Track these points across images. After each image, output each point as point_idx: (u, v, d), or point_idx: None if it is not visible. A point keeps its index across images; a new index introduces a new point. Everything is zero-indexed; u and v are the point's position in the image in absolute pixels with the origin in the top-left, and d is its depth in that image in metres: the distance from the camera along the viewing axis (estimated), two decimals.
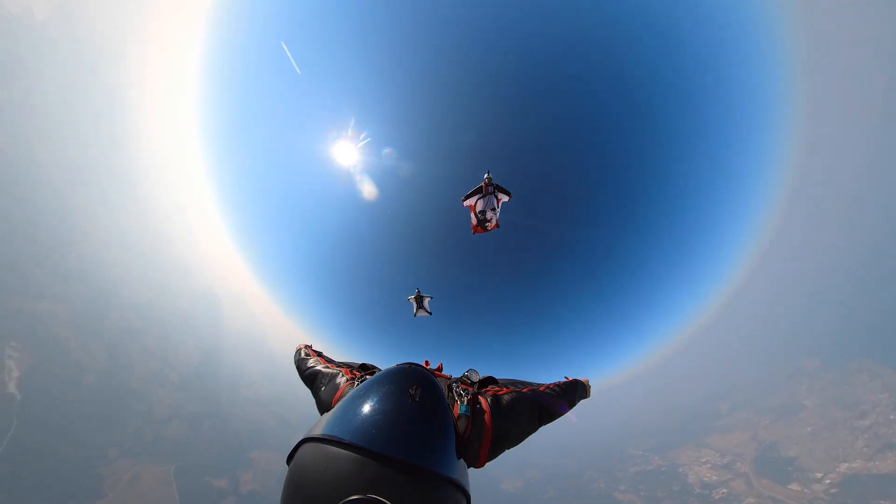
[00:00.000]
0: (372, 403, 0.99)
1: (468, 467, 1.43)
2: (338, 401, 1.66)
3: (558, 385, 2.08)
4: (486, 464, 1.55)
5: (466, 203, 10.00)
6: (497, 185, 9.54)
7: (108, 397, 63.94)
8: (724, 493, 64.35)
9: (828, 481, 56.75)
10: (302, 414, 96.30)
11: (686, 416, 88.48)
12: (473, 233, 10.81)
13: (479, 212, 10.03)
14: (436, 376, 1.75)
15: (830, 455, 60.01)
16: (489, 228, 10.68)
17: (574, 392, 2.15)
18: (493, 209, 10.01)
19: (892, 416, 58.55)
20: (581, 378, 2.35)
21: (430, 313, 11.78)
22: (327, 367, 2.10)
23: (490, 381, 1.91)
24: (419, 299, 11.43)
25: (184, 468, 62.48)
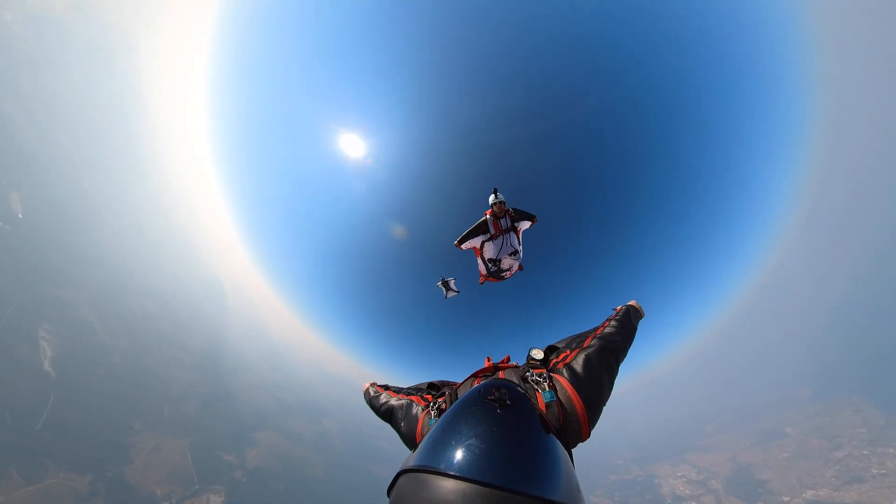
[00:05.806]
0: (463, 429, 1.00)
1: (576, 444, 1.51)
2: (420, 431, 1.79)
3: (613, 319, 2.16)
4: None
5: (465, 247, 6.77)
6: (515, 209, 6.41)
7: (131, 376, 74.64)
8: None
9: None
10: (301, 399, 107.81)
11: (672, 433, 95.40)
12: (481, 283, 7.80)
13: (490, 260, 6.82)
14: (504, 368, 1.87)
15: (801, 482, 65.93)
16: (506, 277, 7.43)
17: (630, 318, 2.25)
18: (514, 253, 6.68)
19: (865, 451, 63.50)
20: (629, 302, 2.44)
21: (458, 292, 12.82)
22: (399, 400, 2.21)
23: (552, 350, 1.96)
24: (445, 284, 12.64)
25: (197, 442, 73.52)
